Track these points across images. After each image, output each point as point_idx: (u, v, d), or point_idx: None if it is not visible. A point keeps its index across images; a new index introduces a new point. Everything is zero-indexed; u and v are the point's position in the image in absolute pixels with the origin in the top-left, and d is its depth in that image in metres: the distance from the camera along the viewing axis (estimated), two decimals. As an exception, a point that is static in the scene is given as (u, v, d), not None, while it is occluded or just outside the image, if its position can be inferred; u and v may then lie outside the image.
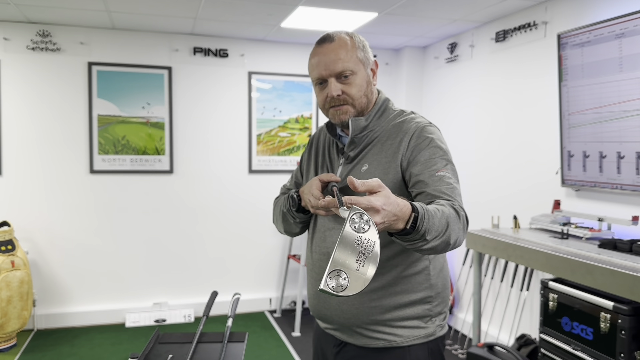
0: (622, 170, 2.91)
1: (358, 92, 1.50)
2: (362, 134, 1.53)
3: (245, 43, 4.80)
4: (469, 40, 4.39)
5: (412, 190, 1.42)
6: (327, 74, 1.49)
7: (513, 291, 3.79)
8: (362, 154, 1.54)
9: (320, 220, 1.60)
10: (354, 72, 1.49)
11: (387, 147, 1.50)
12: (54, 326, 4.45)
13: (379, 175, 1.45)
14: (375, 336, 1.49)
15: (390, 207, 1.10)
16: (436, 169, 1.40)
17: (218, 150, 4.82)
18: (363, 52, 1.52)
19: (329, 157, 1.63)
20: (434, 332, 1.53)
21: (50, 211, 4.43)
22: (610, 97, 2.96)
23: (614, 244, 2.62)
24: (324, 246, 1.55)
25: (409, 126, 1.50)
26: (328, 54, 1.49)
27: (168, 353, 1.78)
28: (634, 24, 2.78)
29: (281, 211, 1.70)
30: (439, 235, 1.22)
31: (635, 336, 2.21)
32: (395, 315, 1.48)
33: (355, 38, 1.53)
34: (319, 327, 1.67)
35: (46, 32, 4.34)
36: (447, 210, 1.26)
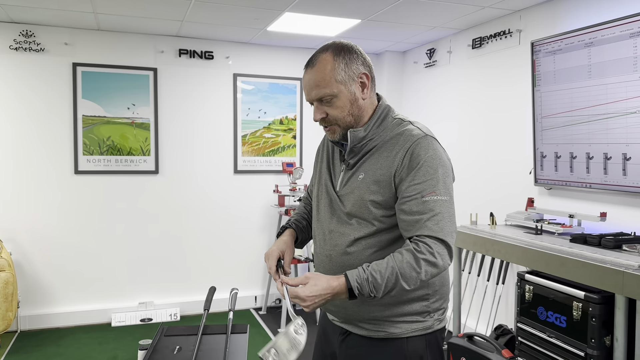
0: (591, 170, 3.12)
1: (340, 114, 1.55)
2: (360, 143, 1.58)
3: (231, 45, 4.90)
4: (447, 46, 4.58)
5: (397, 208, 1.52)
6: (310, 99, 1.58)
7: (489, 285, 3.99)
8: (360, 162, 1.59)
9: (321, 222, 1.69)
10: (334, 95, 1.53)
11: (382, 159, 1.55)
12: (38, 327, 4.47)
13: (371, 186, 1.54)
14: (376, 329, 1.59)
15: (317, 291, 1.39)
16: (424, 192, 1.47)
17: (203, 150, 4.90)
18: (345, 72, 1.52)
19: (333, 164, 1.70)
20: (432, 326, 1.61)
21: (35, 212, 4.44)
22: (580, 102, 3.17)
23: (584, 239, 2.81)
24: (326, 249, 1.65)
25: (406, 139, 1.54)
26: (308, 80, 1.55)
27: (174, 344, 1.88)
28: (601, 34, 2.99)
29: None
30: (388, 290, 1.42)
31: (604, 323, 2.40)
32: (394, 312, 1.57)
33: (339, 57, 1.53)
34: (327, 317, 1.77)
35: (30, 32, 4.36)
36: (400, 263, 1.42)
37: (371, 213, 1.54)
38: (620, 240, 2.67)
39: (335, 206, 1.63)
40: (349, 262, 1.57)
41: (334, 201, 1.64)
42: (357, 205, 1.56)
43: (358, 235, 1.57)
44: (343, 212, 1.60)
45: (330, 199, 1.65)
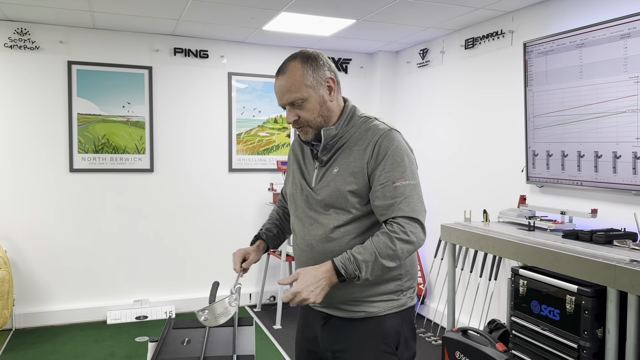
0: (582, 168, 3.21)
1: (311, 115, 1.71)
2: (332, 140, 1.75)
3: (226, 44, 4.93)
4: (440, 46, 4.65)
5: (371, 195, 1.69)
6: (282, 104, 1.74)
7: (482, 281, 4.06)
8: (333, 158, 1.75)
9: (300, 217, 1.82)
10: (304, 99, 1.69)
11: (354, 152, 1.72)
12: (33, 325, 4.47)
13: (346, 177, 1.71)
14: (356, 310, 1.73)
15: (309, 282, 1.55)
16: (394, 179, 1.66)
17: (198, 149, 4.92)
18: (313, 77, 1.69)
19: (305, 164, 1.85)
20: (405, 303, 1.77)
21: (30, 210, 4.44)
22: (571, 102, 3.25)
23: (576, 235, 2.89)
24: (307, 239, 1.77)
25: (373, 133, 1.71)
26: (280, 86, 1.71)
27: (183, 337, 1.93)
28: (592, 35, 3.07)
29: None
30: (371, 268, 1.59)
31: (597, 315, 2.48)
32: (372, 292, 1.72)
33: (307, 64, 1.69)
34: (306, 306, 1.87)
35: (24, 30, 4.35)
36: (377, 243, 1.60)
37: (348, 202, 1.70)
38: (611, 235, 2.75)
39: (312, 201, 1.77)
40: (330, 249, 1.72)
41: (310, 197, 1.78)
42: (334, 196, 1.71)
43: (337, 223, 1.71)
44: (321, 204, 1.75)
45: (307, 195, 1.79)
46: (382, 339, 1.71)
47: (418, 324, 4.65)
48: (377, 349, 1.71)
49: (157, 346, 1.84)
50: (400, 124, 5.30)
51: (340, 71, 5.36)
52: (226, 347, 1.86)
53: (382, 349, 1.71)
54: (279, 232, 2.05)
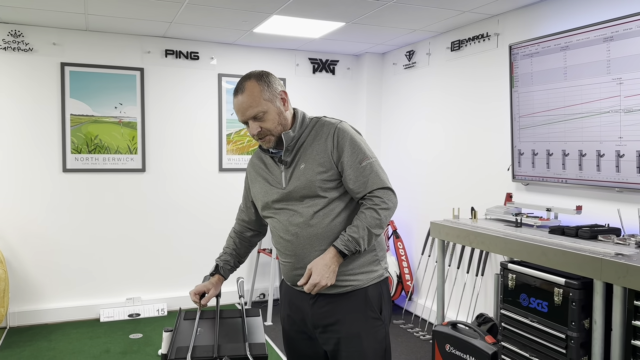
0: (567, 167, 3.34)
1: (272, 124, 1.91)
2: (292, 142, 1.96)
3: (216, 46, 4.98)
4: (426, 48, 4.77)
5: (344, 180, 1.93)
6: (245, 119, 1.92)
7: (469, 277, 4.18)
8: (296, 158, 1.96)
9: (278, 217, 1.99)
10: (265, 112, 1.89)
11: (315, 147, 1.95)
12: (27, 323, 4.49)
13: (314, 168, 1.92)
14: (342, 284, 1.92)
15: (322, 270, 1.81)
16: (359, 160, 1.91)
17: (189, 149, 4.97)
18: (269, 92, 1.90)
19: (270, 172, 2.04)
20: (383, 274, 2.02)
21: (23, 210, 4.46)
22: (556, 102, 3.38)
23: (562, 230, 3.01)
24: (291, 230, 1.95)
25: (328, 127, 1.96)
26: (242, 103, 1.89)
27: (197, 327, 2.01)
28: (576, 38, 3.20)
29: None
30: (368, 240, 1.87)
31: (584, 307, 2.60)
32: (355, 264, 1.94)
33: (261, 82, 1.90)
34: (292, 290, 2.05)
35: (18, 32, 4.37)
36: (365, 218, 1.87)
37: (321, 189, 1.92)
38: (595, 231, 2.87)
39: (287, 198, 1.97)
40: (314, 233, 1.92)
41: (284, 195, 1.97)
42: (307, 188, 1.92)
43: (315, 209, 1.92)
44: (296, 198, 1.95)
45: (281, 196, 1.98)
46: (368, 307, 1.95)
47: (406, 320, 4.75)
48: (366, 316, 1.94)
49: (172, 335, 1.92)
50: (387, 124, 5.41)
51: (327, 72, 5.45)
52: (238, 336, 1.95)
53: (369, 316, 1.95)
54: (236, 262, 2.23)
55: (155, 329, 4.45)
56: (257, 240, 2.30)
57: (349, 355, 1.93)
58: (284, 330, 2.16)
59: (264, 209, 2.06)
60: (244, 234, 2.25)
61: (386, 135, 5.43)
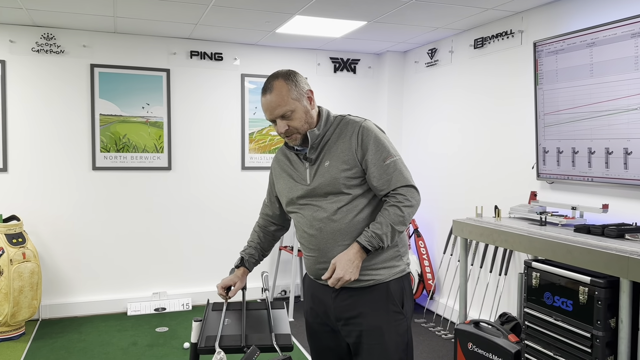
0: (593, 165, 3.30)
1: (299, 123, 1.95)
2: (317, 140, 2.00)
3: (239, 47, 5.05)
4: (449, 46, 4.75)
5: (368, 177, 1.96)
6: (273, 118, 1.96)
7: (492, 276, 4.16)
8: (321, 155, 2.01)
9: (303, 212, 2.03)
10: (293, 111, 1.93)
11: (340, 145, 1.98)
12: (58, 316, 4.65)
13: (339, 166, 1.96)
14: (365, 278, 1.95)
15: (346, 265, 1.85)
16: (383, 159, 1.94)
17: (213, 148, 5.06)
18: (297, 91, 1.94)
19: (294, 168, 2.08)
20: (404, 269, 2.05)
21: (55, 206, 4.61)
22: (582, 99, 3.34)
23: (587, 229, 2.97)
24: (314, 224, 1.99)
25: (353, 125, 2.00)
26: (269, 103, 1.94)
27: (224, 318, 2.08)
28: (603, 34, 3.16)
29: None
30: (392, 237, 1.91)
31: (609, 305, 2.57)
32: (377, 260, 1.97)
33: (289, 81, 1.94)
34: (316, 284, 2.09)
35: (50, 35, 4.50)
36: (388, 215, 1.90)
37: (345, 186, 1.95)
38: (622, 230, 2.83)
39: (311, 194, 2.01)
40: (337, 228, 1.95)
41: (308, 192, 2.01)
42: (331, 185, 1.96)
43: (339, 205, 1.96)
44: (320, 194, 1.98)
45: (305, 192, 2.02)
46: (390, 301, 1.98)
47: (427, 319, 4.75)
48: (387, 310, 1.97)
49: (201, 325, 1.99)
50: (408, 122, 5.41)
51: (348, 71, 5.47)
52: (264, 327, 2.01)
53: (391, 309, 1.98)
54: (260, 255, 2.28)
55: (180, 322, 4.54)
56: (280, 235, 2.34)
57: (370, 348, 1.96)
58: (307, 323, 2.19)
59: (289, 205, 2.10)
60: (268, 228, 2.30)
61: (407, 133, 5.43)
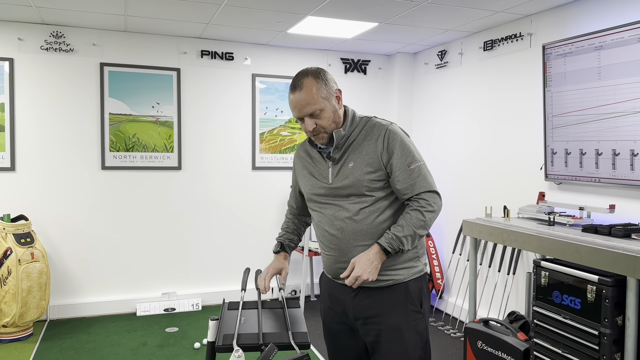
0: (600, 166, 3.34)
1: (327, 122, 1.96)
2: (342, 140, 2.01)
3: (250, 47, 5.10)
4: (458, 48, 4.80)
5: (392, 181, 1.97)
6: (301, 115, 1.96)
7: (500, 275, 4.20)
8: (345, 155, 2.01)
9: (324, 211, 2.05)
10: (322, 109, 1.94)
11: (365, 147, 1.99)
12: (66, 316, 4.66)
13: (363, 168, 1.97)
14: (384, 278, 1.98)
15: (365, 265, 1.86)
16: (408, 163, 1.96)
17: (223, 147, 5.09)
18: (326, 90, 1.95)
19: (316, 166, 2.09)
20: (422, 270, 2.08)
21: (63, 206, 4.63)
22: (590, 102, 3.38)
23: (595, 229, 3.02)
24: (336, 223, 2.02)
25: (379, 128, 2.00)
26: (299, 100, 1.94)
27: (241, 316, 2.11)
28: (611, 38, 3.20)
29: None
30: (412, 240, 1.93)
31: (617, 304, 2.62)
32: (397, 260, 1.99)
33: (319, 80, 1.94)
34: (334, 283, 2.12)
35: (59, 34, 4.54)
36: (410, 219, 1.92)
37: (368, 188, 1.97)
38: (629, 229, 2.88)
39: (333, 194, 2.02)
40: (358, 228, 1.97)
41: (330, 191, 2.03)
42: (354, 186, 1.97)
43: (361, 206, 1.98)
44: (342, 194, 2.00)
45: (327, 191, 2.04)
46: (409, 301, 2.00)
47: (436, 318, 4.79)
48: (406, 309, 1.99)
49: (218, 324, 2.01)
50: (418, 123, 5.45)
51: (359, 72, 5.52)
52: (280, 325, 2.03)
53: (410, 309, 2.00)
54: (297, 240, 2.33)
55: (190, 323, 4.57)
56: (310, 222, 2.37)
57: (389, 347, 1.98)
58: (325, 322, 2.21)
59: (310, 202, 2.14)
60: (298, 216, 2.36)
61: (417, 134, 5.47)
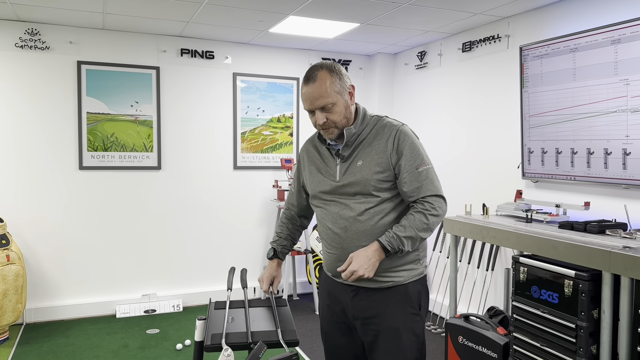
0: (575, 164, 3.44)
1: (338, 117, 1.95)
2: (352, 138, 2.00)
3: (231, 46, 5.09)
4: (438, 49, 4.87)
5: (399, 182, 1.96)
6: (313, 108, 1.94)
7: (479, 272, 4.29)
8: (354, 154, 2.00)
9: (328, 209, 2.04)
10: (334, 104, 1.93)
11: (375, 146, 1.98)
12: (43, 320, 4.58)
13: (372, 167, 1.96)
14: (384, 280, 1.99)
15: (362, 261, 1.84)
16: (417, 166, 1.95)
17: (204, 147, 5.08)
18: (340, 84, 1.94)
19: (325, 162, 2.08)
20: (423, 272, 2.08)
21: (40, 207, 4.56)
22: (565, 102, 3.48)
23: (571, 225, 3.12)
24: (340, 223, 2.00)
25: (390, 129, 1.99)
26: (312, 92, 1.92)
27: (228, 315, 2.11)
28: (585, 40, 3.30)
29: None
30: (412, 242, 1.91)
31: (593, 297, 2.70)
32: (398, 262, 1.99)
33: (334, 74, 1.94)
34: (334, 282, 2.10)
35: (35, 31, 4.46)
36: (413, 220, 1.91)
37: (375, 188, 1.96)
38: (603, 226, 2.98)
39: (339, 191, 2.01)
40: (362, 229, 1.96)
41: (336, 188, 2.02)
42: (361, 185, 1.96)
43: (367, 206, 1.97)
44: (349, 193, 1.99)
45: (333, 188, 2.02)
46: (408, 303, 2.00)
47: (416, 315, 4.85)
48: (405, 311, 2.00)
49: (205, 323, 2.01)
50: (397, 123, 5.51)
51: (339, 72, 5.54)
52: (269, 324, 2.03)
53: (408, 311, 2.00)
54: (291, 245, 2.33)
55: (171, 324, 4.54)
56: (307, 224, 2.37)
57: (386, 348, 1.98)
58: (323, 321, 2.19)
59: (314, 198, 2.12)
60: (294, 219, 2.33)
61: (395, 134, 5.52)
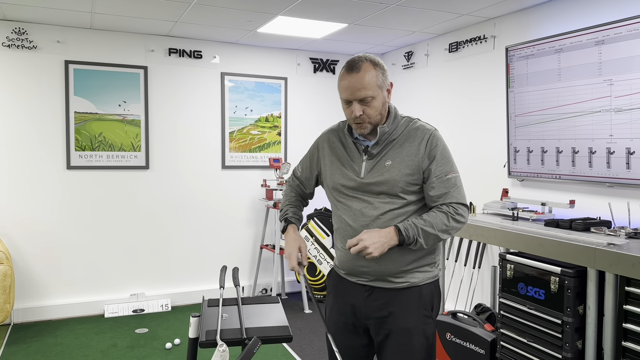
0: (561, 163, 3.50)
1: (375, 112, 1.90)
2: (384, 136, 1.96)
3: (219, 45, 5.09)
4: (425, 49, 4.92)
5: (426, 186, 1.95)
6: (352, 99, 1.88)
7: (466, 269, 4.34)
8: (383, 152, 1.96)
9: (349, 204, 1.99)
10: (373, 98, 1.87)
11: (406, 148, 1.95)
12: (31, 320, 4.55)
13: (402, 169, 1.93)
14: (399, 280, 1.97)
15: (374, 237, 1.79)
16: (446, 172, 1.94)
17: (192, 146, 5.07)
18: (382, 78, 1.90)
19: (350, 157, 2.03)
20: (437, 275, 2.08)
21: (27, 207, 4.52)
22: (550, 102, 3.54)
23: (556, 223, 3.18)
24: (361, 220, 1.96)
25: (423, 132, 1.98)
26: (354, 82, 1.86)
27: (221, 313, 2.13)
28: (570, 41, 3.36)
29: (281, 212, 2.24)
30: (427, 238, 1.87)
31: (578, 294, 2.76)
32: (414, 265, 1.98)
33: (378, 67, 1.89)
34: (348, 281, 2.06)
35: (22, 30, 4.43)
36: (434, 218, 1.88)
37: (402, 190, 1.93)
38: (588, 223, 3.04)
39: (363, 189, 1.97)
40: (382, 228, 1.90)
41: (361, 185, 1.97)
42: (389, 185, 1.93)
43: (391, 207, 1.94)
44: (374, 191, 1.95)
45: (357, 185, 1.98)
46: (422, 304, 1.99)
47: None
48: (418, 313, 1.98)
49: (199, 320, 2.02)
50: (385, 122, 5.55)
51: (328, 72, 5.58)
52: (262, 320, 2.06)
53: (421, 313, 1.99)
54: (301, 214, 2.23)
55: (160, 324, 4.54)
56: (307, 203, 2.31)
57: (397, 348, 1.97)
58: (330, 320, 2.13)
59: (334, 190, 2.06)
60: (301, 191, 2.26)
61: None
